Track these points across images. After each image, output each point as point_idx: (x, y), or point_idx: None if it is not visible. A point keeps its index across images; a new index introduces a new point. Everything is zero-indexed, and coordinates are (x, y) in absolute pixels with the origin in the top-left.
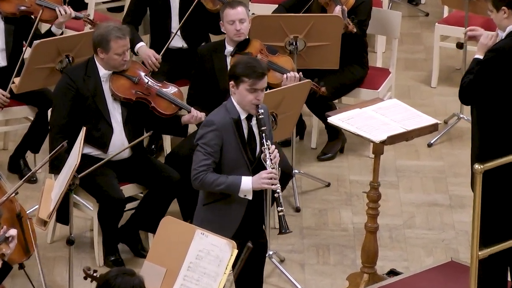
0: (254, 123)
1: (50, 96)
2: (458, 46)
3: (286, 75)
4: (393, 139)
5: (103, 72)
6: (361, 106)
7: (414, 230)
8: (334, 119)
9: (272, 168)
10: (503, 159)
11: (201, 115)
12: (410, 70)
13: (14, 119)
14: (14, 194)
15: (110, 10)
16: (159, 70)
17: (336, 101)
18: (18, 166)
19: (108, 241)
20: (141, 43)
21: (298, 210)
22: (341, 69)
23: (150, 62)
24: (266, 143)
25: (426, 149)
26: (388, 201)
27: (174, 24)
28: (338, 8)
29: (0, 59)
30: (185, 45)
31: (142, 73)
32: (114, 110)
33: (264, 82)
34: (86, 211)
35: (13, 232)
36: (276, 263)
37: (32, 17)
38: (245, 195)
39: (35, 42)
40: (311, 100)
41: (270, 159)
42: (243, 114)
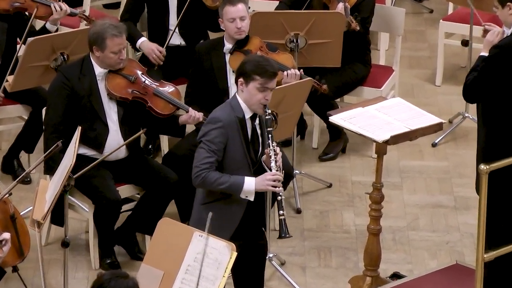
0: (257, 123)
1: (44, 95)
2: (463, 43)
3: (286, 73)
4: (396, 139)
5: (99, 70)
6: (363, 105)
7: (418, 232)
8: (336, 118)
9: (276, 170)
10: (510, 159)
11: (199, 116)
12: (414, 68)
13: (8, 118)
14: (7, 195)
15: (106, 6)
16: (156, 69)
17: (338, 100)
18: (11, 166)
19: (104, 243)
20: (142, 38)
21: (299, 211)
22: (343, 67)
23: (155, 56)
24: (272, 145)
25: (430, 149)
26: (391, 202)
27: (172, 21)
28: (340, 5)
29: None
30: (183, 42)
31: (139, 71)
32: (110, 110)
33: (274, 82)
34: (82, 213)
35: (6, 235)
36: (276, 266)
37: (26, 13)
38: (246, 196)
39: (29, 40)
40: (312, 98)
41: (275, 161)
42: (248, 113)
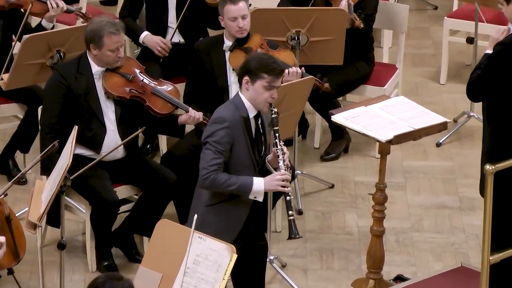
0: (259, 122)
1: (40, 93)
2: (468, 41)
3: (287, 71)
4: (400, 139)
5: (96, 69)
6: (366, 103)
7: (422, 234)
8: (338, 118)
9: (285, 170)
10: None
11: (199, 116)
12: (418, 66)
13: (3, 117)
14: (2, 196)
15: (103, 3)
16: (154, 67)
17: (340, 98)
18: (7, 166)
19: (101, 245)
20: (145, 32)
21: (300, 212)
22: (345, 65)
23: (160, 49)
24: (280, 144)
25: (434, 149)
26: (394, 203)
27: (171, 18)
28: (344, 2)
29: None
30: (182, 40)
31: (136, 70)
32: (107, 109)
33: (280, 80)
34: (78, 214)
35: (1, 239)
36: (277, 269)
37: (21, 10)
38: (255, 197)
39: (25, 37)
40: (314, 97)
41: (283, 160)
42: (252, 113)
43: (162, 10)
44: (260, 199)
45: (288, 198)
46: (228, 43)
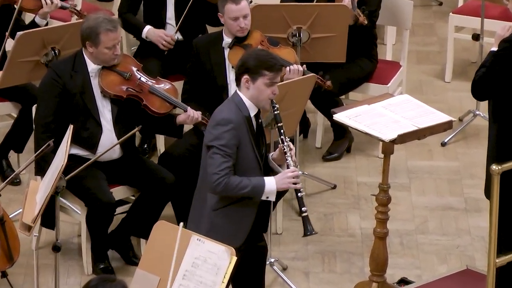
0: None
1: (34, 92)
2: (474, 37)
3: (288, 68)
4: (404, 138)
5: (92, 67)
6: (369, 102)
7: (427, 236)
8: (340, 116)
9: (293, 166)
10: None
11: (197, 115)
12: (422, 63)
13: None
14: None
15: None
16: (153, 64)
17: (342, 96)
18: (0, 166)
19: (97, 247)
20: (147, 27)
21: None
22: (348, 62)
23: (164, 43)
24: (286, 140)
25: (439, 148)
26: (398, 204)
27: (169, 14)
28: None
29: None
30: (180, 37)
31: (134, 68)
32: (104, 108)
33: (280, 76)
34: (74, 215)
35: None
36: (278, 272)
37: (15, 6)
38: (267, 197)
39: (19, 33)
40: (316, 95)
41: (291, 157)
42: (253, 111)
43: (160, 6)
44: (272, 199)
45: (300, 194)
46: (227, 40)
